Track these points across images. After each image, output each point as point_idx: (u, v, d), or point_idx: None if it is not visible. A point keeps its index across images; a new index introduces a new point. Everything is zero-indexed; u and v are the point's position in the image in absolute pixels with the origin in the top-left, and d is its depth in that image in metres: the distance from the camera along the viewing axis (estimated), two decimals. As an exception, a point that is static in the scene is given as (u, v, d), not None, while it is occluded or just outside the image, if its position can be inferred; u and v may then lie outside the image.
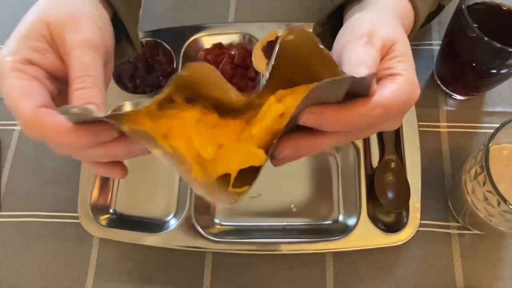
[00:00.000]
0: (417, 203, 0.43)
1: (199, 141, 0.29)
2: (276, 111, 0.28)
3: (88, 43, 0.29)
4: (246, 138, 0.29)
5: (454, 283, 0.43)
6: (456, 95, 0.50)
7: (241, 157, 0.29)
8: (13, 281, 0.46)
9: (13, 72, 0.28)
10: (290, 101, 0.28)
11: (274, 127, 0.28)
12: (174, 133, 0.29)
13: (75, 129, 0.26)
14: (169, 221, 0.46)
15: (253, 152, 0.28)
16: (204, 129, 0.29)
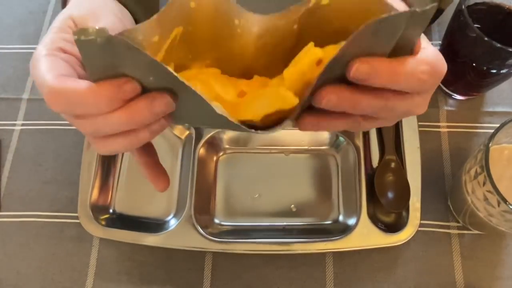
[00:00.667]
0: (417, 203, 0.43)
1: (220, 86, 0.27)
2: (314, 56, 0.25)
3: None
4: (275, 83, 0.26)
5: (454, 283, 0.43)
6: (456, 95, 0.50)
7: (268, 100, 0.25)
8: (13, 281, 0.46)
9: (45, 57, 0.27)
10: (331, 49, 0.25)
11: (308, 75, 0.25)
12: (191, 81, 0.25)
13: (96, 86, 0.25)
14: (169, 221, 0.46)
15: (283, 94, 0.25)
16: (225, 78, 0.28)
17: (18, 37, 0.58)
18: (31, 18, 0.60)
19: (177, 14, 0.26)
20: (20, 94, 0.54)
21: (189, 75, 0.28)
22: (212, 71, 0.29)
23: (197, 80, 0.27)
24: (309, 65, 0.25)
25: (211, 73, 0.29)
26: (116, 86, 0.25)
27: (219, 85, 0.27)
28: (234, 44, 0.29)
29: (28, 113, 0.53)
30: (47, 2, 0.61)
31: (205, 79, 0.27)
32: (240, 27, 0.27)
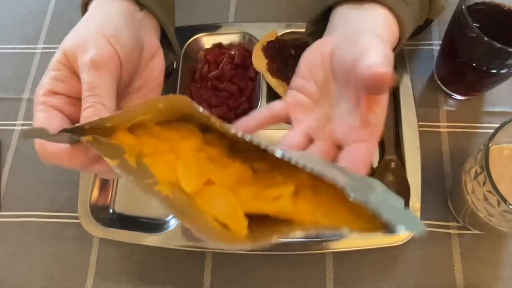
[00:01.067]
0: (417, 203, 0.43)
1: (182, 172, 0.27)
2: (284, 210, 0.26)
3: (94, 62, 0.31)
4: (243, 197, 0.26)
5: (454, 283, 0.43)
6: (456, 95, 0.50)
7: (223, 208, 0.26)
8: (13, 281, 0.46)
9: (38, 105, 0.31)
10: (303, 211, 0.25)
11: (271, 213, 0.26)
12: (157, 155, 0.27)
13: (68, 151, 0.29)
14: (169, 221, 0.46)
15: (236, 213, 0.26)
16: (196, 161, 0.27)
17: (18, 37, 0.58)
18: (31, 18, 0.60)
19: (144, 111, 0.27)
20: (20, 94, 0.54)
21: (160, 149, 0.28)
22: (191, 146, 0.28)
23: (162, 161, 0.27)
24: (274, 212, 0.26)
25: (186, 152, 0.28)
26: (85, 152, 0.29)
27: (183, 171, 0.27)
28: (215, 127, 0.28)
29: (28, 113, 0.53)
30: (47, 2, 0.61)
31: (173, 162, 0.27)
32: (217, 124, 0.26)
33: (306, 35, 0.42)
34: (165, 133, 0.29)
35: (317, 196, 0.26)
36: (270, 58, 0.49)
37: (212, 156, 0.28)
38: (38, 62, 0.56)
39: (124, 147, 0.27)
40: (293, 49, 0.49)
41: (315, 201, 0.26)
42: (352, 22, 0.36)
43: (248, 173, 0.28)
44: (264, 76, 0.48)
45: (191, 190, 0.26)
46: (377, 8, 0.36)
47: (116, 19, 0.35)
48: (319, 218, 0.25)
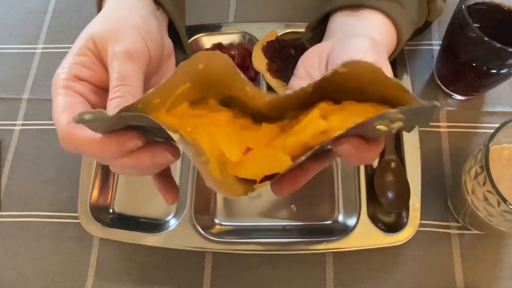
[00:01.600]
0: (417, 203, 0.43)
1: (225, 144, 0.28)
2: (319, 128, 0.26)
3: (127, 52, 0.30)
4: (278, 146, 0.28)
5: (454, 283, 0.43)
6: (456, 95, 0.50)
7: (267, 162, 0.28)
8: (13, 281, 0.46)
9: (61, 89, 0.30)
10: (336, 121, 0.26)
11: (310, 143, 0.27)
12: (198, 130, 0.28)
13: (101, 140, 0.27)
14: (169, 221, 0.46)
15: (279, 158, 0.27)
16: (233, 131, 0.28)
17: (18, 37, 0.58)
18: (31, 18, 0.60)
19: (184, 76, 0.27)
20: (20, 94, 0.54)
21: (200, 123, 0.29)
22: (224, 118, 0.29)
23: (205, 134, 0.28)
24: (313, 136, 0.26)
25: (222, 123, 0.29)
26: (121, 144, 0.27)
27: (225, 143, 0.28)
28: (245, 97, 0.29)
29: (28, 113, 0.53)
30: (47, 2, 0.61)
31: (215, 134, 0.28)
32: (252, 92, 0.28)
33: (304, 41, 0.42)
34: (197, 112, 0.29)
35: (345, 110, 0.27)
36: (270, 58, 0.49)
37: (243, 125, 0.29)
38: (38, 62, 0.56)
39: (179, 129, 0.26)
40: (293, 49, 0.49)
41: (344, 113, 0.27)
42: (349, 28, 0.36)
43: (276, 130, 0.29)
44: (264, 76, 0.48)
45: (235, 158, 0.28)
46: (374, 14, 0.36)
47: (145, 14, 0.35)
48: (355, 120, 0.24)
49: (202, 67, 0.26)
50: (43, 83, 0.55)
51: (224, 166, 0.28)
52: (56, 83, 0.30)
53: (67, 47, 0.57)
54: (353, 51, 0.31)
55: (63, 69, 0.31)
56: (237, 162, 0.28)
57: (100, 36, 0.31)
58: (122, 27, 0.32)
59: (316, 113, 0.27)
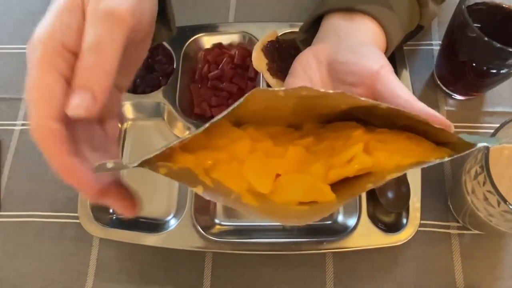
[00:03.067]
0: (417, 203, 0.43)
1: (253, 178, 0.27)
2: (365, 165, 0.26)
3: (110, 10, 0.25)
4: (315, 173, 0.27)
5: (454, 283, 0.43)
6: (456, 95, 0.50)
7: (304, 190, 0.27)
8: (13, 281, 0.46)
9: (41, 65, 0.24)
10: (381, 159, 0.26)
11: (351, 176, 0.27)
12: (220, 168, 0.27)
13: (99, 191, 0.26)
14: (169, 221, 0.46)
15: (319, 188, 0.26)
16: (257, 163, 0.27)
17: (18, 37, 0.58)
18: (31, 18, 0.59)
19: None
20: (20, 94, 0.54)
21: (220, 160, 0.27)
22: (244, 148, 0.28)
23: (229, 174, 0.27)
24: (356, 172, 0.26)
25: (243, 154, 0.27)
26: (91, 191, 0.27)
27: (254, 178, 0.27)
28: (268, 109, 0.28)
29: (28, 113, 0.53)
30: (47, 2, 0.60)
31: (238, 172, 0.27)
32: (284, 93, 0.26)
33: (298, 42, 0.43)
34: (213, 143, 0.28)
35: (387, 144, 0.27)
36: (270, 58, 0.49)
37: (265, 151, 0.28)
38: (38, 62, 0.56)
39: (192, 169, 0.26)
40: (293, 49, 0.49)
41: (387, 148, 0.26)
42: (342, 31, 0.37)
43: (303, 152, 0.28)
44: (264, 76, 0.48)
45: (267, 190, 0.27)
46: (366, 19, 0.37)
47: None
48: (399, 160, 0.25)
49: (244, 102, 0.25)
50: (43, 83, 0.55)
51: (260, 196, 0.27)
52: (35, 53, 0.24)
53: (67, 47, 0.57)
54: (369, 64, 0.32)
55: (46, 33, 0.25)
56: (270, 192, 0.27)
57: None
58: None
59: (360, 147, 0.26)
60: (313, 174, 0.27)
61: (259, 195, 0.27)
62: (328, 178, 0.27)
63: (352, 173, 0.26)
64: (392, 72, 0.32)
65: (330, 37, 0.37)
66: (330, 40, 0.37)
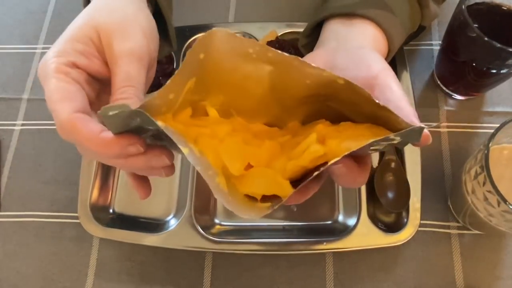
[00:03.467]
0: (417, 203, 0.43)
1: (227, 157, 0.28)
2: (316, 154, 0.27)
3: (134, 52, 0.30)
4: (278, 167, 0.29)
5: (454, 283, 0.43)
6: (456, 95, 0.50)
7: (267, 184, 0.28)
8: (13, 281, 0.46)
9: (57, 74, 0.28)
10: (333, 146, 0.27)
11: (308, 166, 0.28)
12: (202, 141, 0.28)
13: (105, 140, 0.27)
14: (169, 221, 0.46)
15: (279, 182, 0.28)
16: (235, 145, 0.29)
17: (18, 37, 0.58)
18: (31, 18, 0.60)
19: (189, 69, 0.27)
20: (20, 94, 0.54)
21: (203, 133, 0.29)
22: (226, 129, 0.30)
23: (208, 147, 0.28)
24: (311, 161, 0.28)
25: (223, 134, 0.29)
26: (123, 147, 0.27)
27: (227, 156, 0.28)
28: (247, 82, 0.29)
29: (28, 113, 0.53)
30: (47, 2, 0.61)
31: (215, 147, 0.28)
32: (255, 53, 0.28)
33: (300, 47, 0.43)
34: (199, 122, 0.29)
35: (342, 133, 0.28)
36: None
37: (245, 139, 0.30)
38: (38, 62, 0.56)
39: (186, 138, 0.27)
40: (293, 49, 0.49)
41: (341, 136, 0.28)
42: (342, 37, 0.37)
43: (277, 147, 0.30)
44: (264, 76, 0.48)
45: (237, 172, 0.28)
46: (365, 23, 0.37)
47: (146, 11, 0.34)
48: (349, 145, 0.26)
49: (203, 56, 0.27)
50: (43, 83, 0.55)
51: (230, 181, 0.28)
52: (50, 66, 0.29)
53: (67, 47, 0.57)
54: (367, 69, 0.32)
55: (58, 52, 0.29)
56: (238, 176, 0.29)
57: (106, 29, 0.30)
58: (129, 24, 0.31)
59: (313, 137, 0.28)
60: (276, 168, 0.29)
61: (230, 180, 0.28)
62: (286, 171, 0.28)
63: (306, 162, 0.28)
64: (390, 76, 0.31)
65: (329, 42, 0.37)
66: (329, 46, 0.37)
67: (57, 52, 0.29)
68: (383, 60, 0.33)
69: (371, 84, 0.31)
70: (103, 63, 0.31)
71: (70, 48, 0.30)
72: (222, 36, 0.26)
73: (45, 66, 0.29)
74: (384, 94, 0.30)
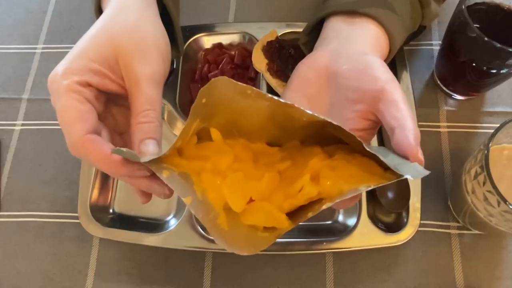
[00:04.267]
0: (417, 203, 0.43)
1: (229, 196, 0.30)
2: (310, 195, 0.29)
3: (154, 77, 0.31)
4: (277, 202, 0.30)
5: (454, 283, 0.43)
6: (456, 95, 0.50)
7: (266, 218, 0.30)
8: (13, 281, 0.46)
9: (69, 92, 0.29)
10: (326, 187, 0.29)
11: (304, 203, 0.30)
12: (205, 180, 0.30)
13: (115, 162, 0.28)
14: (169, 221, 0.46)
15: (277, 217, 0.30)
16: (236, 182, 0.30)
17: (18, 37, 0.58)
18: (31, 18, 0.60)
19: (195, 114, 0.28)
20: (20, 94, 0.54)
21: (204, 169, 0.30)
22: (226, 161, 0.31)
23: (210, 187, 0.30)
24: (305, 200, 0.30)
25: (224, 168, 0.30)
26: (131, 170, 0.29)
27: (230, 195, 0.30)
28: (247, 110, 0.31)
29: (28, 113, 0.53)
30: (47, 2, 0.61)
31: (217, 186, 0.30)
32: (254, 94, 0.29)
33: (300, 45, 0.43)
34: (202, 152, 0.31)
35: (335, 172, 0.30)
36: (270, 58, 0.49)
37: (246, 172, 0.31)
38: (38, 62, 0.57)
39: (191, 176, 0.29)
40: (293, 49, 0.49)
41: (335, 175, 0.30)
42: (343, 35, 0.37)
43: (276, 178, 0.31)
44: (264, 76, 0.48)
45: (239, 209, 0.30)
46: (367, 22, 0.37)
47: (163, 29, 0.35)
48: (342, 186, 0.29)
49: (205, 100, 0.28)
50: (43, 83, 0.55)
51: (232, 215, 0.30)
52: (63, 83, 0.29)
53: (67, 47, 0.57)
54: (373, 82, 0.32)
55: (73, 70, 0.30)
56: (241, 212, 0.30)
57: (127, 52, 0.31)
58: (149, 47, 0.32)
59: (307, 178, 0.29)
60: (274, 203, 0.30)
61: (230, 218, 0.30)
62: (283, 208, 0.30)
63: (301, 202, 0.30)
64: (396, 89, 0.31)
65: (330, 41, 0.37)
66: (331, 45, 0.36)
67: (70, 68, 0.30)
68: (387, 69, 0.33)
69: (377, 98, 0.31)
70: (114, 81, 0.32)
71: (84, 66, 0.30)
72: (223, 82, 0.27)
73: (57, 81, 0.29)
74: (390, 110, 0.30)
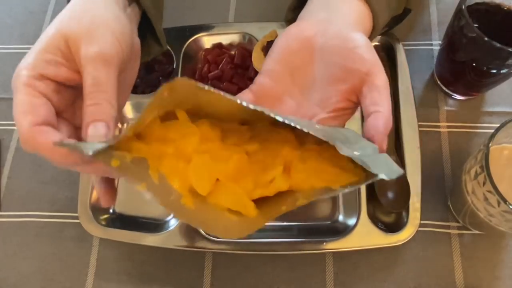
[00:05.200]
0: (417, 203, 0.43)
1: (195, 179, 0.29)
2: (281, 189, 0.29)
3: (102, 56, 0.30)
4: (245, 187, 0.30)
5: (454, 283, 0.43)
6: (456, 95, 0.50)
7: (233, 201, 0.29)
8: (13, 281, 0.46)
9: (24, 87, 0.29)
10: (298, 181, 0.29)
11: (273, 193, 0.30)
12: (167, 165, 0.29)
13: (63, 152, 0.28)
14: (169, 221, 0.46)
15: (245, 204, 0.29)
16: (202, 165, 0.29)
17: (18, 37, 0.58)
18: (31, 18, 0.60)
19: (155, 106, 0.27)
20: (20, 94, 0.54)
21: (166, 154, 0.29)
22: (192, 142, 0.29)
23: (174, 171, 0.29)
24: (276, 192, 0.30)
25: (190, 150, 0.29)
26: (80, 158, 0.28)
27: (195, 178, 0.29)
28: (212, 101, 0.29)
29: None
30: (47, 2, 0.61)
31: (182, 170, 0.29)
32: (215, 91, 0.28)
33: (285, 22, 0.42)
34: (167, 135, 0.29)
35: (306, 165, 0.29)
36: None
37: (213, 153, 0.30)
38: (38, 62, 0.56)
39: (147, 159, 0.28)
40: (293, 49, 0.49)
41: (306, 169, 0.29)
42: (331, 9, 0.36)
43: (244, 160, 0.30)
44: (264, 76, 0.48)
45: (205, 192, 0.29)
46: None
47: (119, 13, 0.34)
48: (313, 182, 0.28)
49: (166, 94, 0.26)
50: (43, 83, 0.55)
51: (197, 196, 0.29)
52: (19, 79, 0.29)
53: (67, 47, 0.57)
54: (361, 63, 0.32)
55: (28, 65, 0.30)
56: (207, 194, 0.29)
57: (74, 37, 0.30)
58: (96, 28, 0.31)
59: (279, 170, 0.29)
60: (243, 187, 0.30)
61: (197, 198, 0.29)
62: (252, 195, 0.30)
63: (271, 193, 0.29)
64: (380, 71, 0.31)
65: (317, 12, 0.36)
66: (317, 16, 0.36)
67: (27, 64, 0.30)
68: (373, 50, 0.33)
69: (362, 79, 0.32)
70: (72, 70, 0.31)
71: (39, 59, 0.30)
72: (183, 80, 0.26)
73: (14, 79, 0.30)
74: (372, 94, 0.31)
